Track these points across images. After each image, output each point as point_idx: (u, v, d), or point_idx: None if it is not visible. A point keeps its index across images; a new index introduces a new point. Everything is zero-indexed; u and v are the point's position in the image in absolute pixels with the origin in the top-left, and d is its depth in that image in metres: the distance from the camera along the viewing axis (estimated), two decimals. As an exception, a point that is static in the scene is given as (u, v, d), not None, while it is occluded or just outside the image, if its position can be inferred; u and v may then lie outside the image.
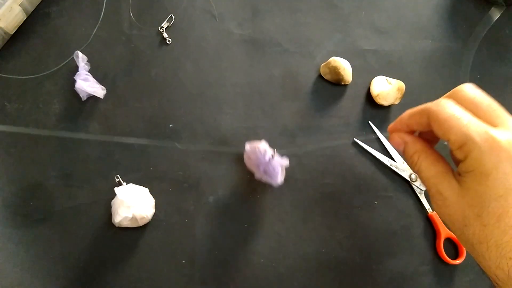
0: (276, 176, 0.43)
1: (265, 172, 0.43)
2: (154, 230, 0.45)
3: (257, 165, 0.44)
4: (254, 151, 0.43)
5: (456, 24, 0.54)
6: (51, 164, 0.46)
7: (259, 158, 0.43)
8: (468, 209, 0.30)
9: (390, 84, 0.49)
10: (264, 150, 0.43)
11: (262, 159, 0.43)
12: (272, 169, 0.43)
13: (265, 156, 0.43)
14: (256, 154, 0.43)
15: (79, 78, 0.46)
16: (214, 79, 0.50)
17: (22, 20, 0.48)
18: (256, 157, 0.43)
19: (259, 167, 0.43)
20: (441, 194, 0.32)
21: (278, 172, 0.43)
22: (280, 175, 0.43)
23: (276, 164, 0.43)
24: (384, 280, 0.45)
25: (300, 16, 0.53)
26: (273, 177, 0.43)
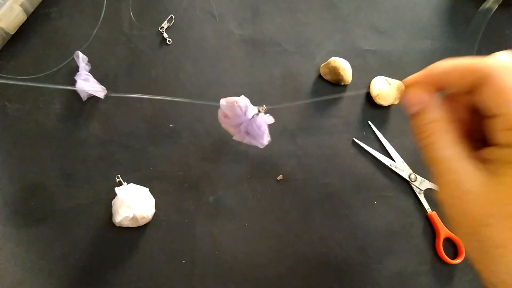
0: (262, 136, 0.36)
1: (247, 133, 0.36)
2: (154, 230, 0.45)
3: (237, 124, 0.36)
4: (232, 108, 0.35)
5: (455, 24, 0.54)
6: (52, 164, 0.46)
7: (239, 115, 0.35)
8: (495, 207, 0.24)
9: (389, 84, 0.49)
10: (245, 105, 0.35)
11: (242, 117, 0.35)
12: (258, 128, 0.35)
13: (247, 113, 0.35)
14: (236, 111, 0.35)
15: (79, 78, 0.46)
16: (214, 79, 0.50)
17: (23, 21, 0.48)
18: (236, 115, 0.35)
19: (239, 126, 0.36)
20: (460, 184, 0.25)
21: (265, 131, 0.36)
22: (266, 135, 0.37)
23: (261, 121, 0.36)
24: (383, 279, 0.46)
25: (300, 16, 0.53)
26: (258, 137, 0.36)
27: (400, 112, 0.51)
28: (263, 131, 0.36)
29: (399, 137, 0.50)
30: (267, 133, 0.37)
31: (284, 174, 0.47)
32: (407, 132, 0.50)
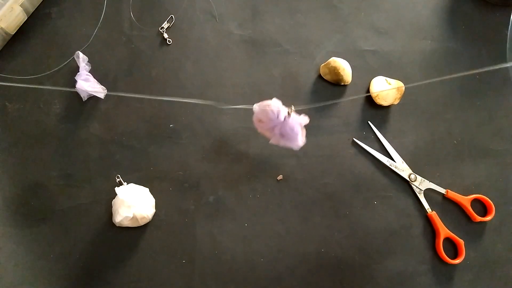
0: (296, 138, 0.36)
1: (282, 135, 0.36)
2: (154, 229, 0.45)
3: (271, 128, 0.36)
4: (264, 112, 0.35)
5: (455, 24, 0.54)
6: (52, 164, 0.46)
7: (272, 119, 0.35)
8: None
9: (389, 84, 0.49)
10: (277, 108, 0.35)
11: (275, 120, 0.35)
12: (290, 130, 0.35)
13: (279, 115, 0.35)
14: (268, 115, 0.35)
15: (79, 79, 0.46)
16: (214, 79, 0.50)
17: (23, 21, 0.48)
18: (269, 118, 0.36)
19: (274, 129, 0.36)
20: None
21: (298, 133, 0.36)
22: (300, 136, 0.36)
23: (294, 123, 0.35)
24: (383, 279, 0.46)
25: (300, 16, 0.53)
26: (292, 139, 0.36)
27: (400, 112, 0.51)
28: (296, 133, 0.36)
29: (399, 137, 0.50)
30: (300, 134, 0.36)
31: (284, 174, 0.47)
32: (407, 132, 0.50)
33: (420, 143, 0.50)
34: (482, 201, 0.49)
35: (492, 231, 0.48)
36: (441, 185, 0.48)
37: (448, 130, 0.51)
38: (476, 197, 0.48)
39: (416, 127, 0.50)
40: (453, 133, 0.51)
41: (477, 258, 0.47)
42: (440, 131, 0.51)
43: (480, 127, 0.51)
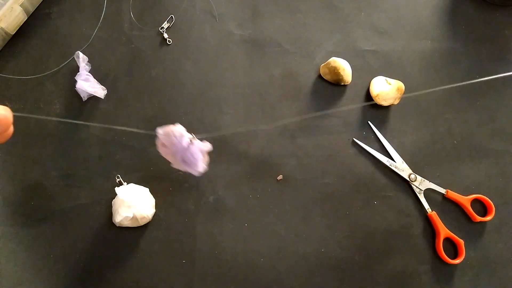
0: (196, 164, 0.37)
1: (183, 161, 0.37)
2: (154, 229, 0.45)
3: (173, 152, 0.37)
4: (168, 136, 0.36)
5: (455, 24, 0.54)
6: (52, 164, 0.46)
7: (175, 144, 0.36)
8: None
9: (389, 84, 0.49)
10: (180, 134, 0.36)
11: (178, 146, 0.36)
12: (191, 156, 0.36)
13: (182, 141, 0.36)
14: (171, 140, 0.36)
15: (79, 79, 0.46)
16: (214, 79, 0.50)
17: (23, 21, 0.48)
18: (171, 143, 0.36)
19: (176, 155, 0.37)
20: None
21: (198, 159, 0.37)
22: (200, 162, 0.37)
23: (195, 150, 0.36)
24: (383, 279, 0.46)
25: (300, 16, 0.53)
26: (193, 165, 0.37)
27: (400, 112, 0.51)
28: (197, 159, 0.37)
29: (399, 137, 0.50)
30: (201, 160, 0.37)
31: (284, 174, 0.47)
32: (407, 132, 0.50)
33: (420, 143, 0.50)
34: (482, 201, 0.49)
35: (492, 231, 0.48)
36: (441, 185, 0.48)
37: (448, 130, 0.51)
38: (476, 197, 0.48)
39: (416, 127, 0.50)
40: (453, 133, 0.51)
41: (477, 258, 0.47)
42: (440, 131, 0.51)
43: (480, 127, 0.51)
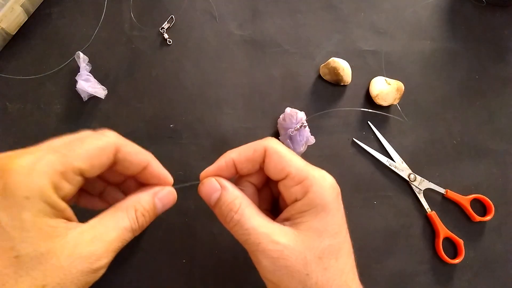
0: (299, 145, 0.45)
1: (290, 138, 0.45)
2: (154, 229, 0.45)
3: (286, 128, 0.45)
4: (290, 116, 0.45)
5: (455, 24, 0.55)
6: (52, 164, 0.46)
7: (292, 123, 0.45)
8: (309, 253, 0.27)
9: (389, 84, 0.49)
10: (301, 118, 0.45)
11: (293, 125, 0.45)
12: (299, 138, 0.45)
13: (298, 123, 0.45)
14: (291, 119, 0.45)
15: (80, 79, 0.46)
16: (214, 79, 0.50)
17: (24, 21, 0.48)
18: (290, 121, 0.45)
19: (287, 131, 0.45)
20: (277, 244, 0.27)
21: (302, 143, 0.45)
22: (302, 147, 0.45)
23: (304, 134, 0.45)
24: (383, 279, 0.46)
25: (300, 17, 0.53)
26: (296, 145, 0.45)
27: (399, 112, 0.51)
28: (301, 142, 0.45)
29: (399, 137, 0.50)
30: (303, 146, 0.45)
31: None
32: (406, 132, 0.50)
33: (420, 143, 0.50)
34: (481, 201, 0.49)
35: (492, 231, 0.48)
36: (440, 185, 0.48)
37: (448, 130, 0.51)
38: (475, 197, 0.48)
39: (416, 127, 0.50)
40: (453, 133, 0.51)
41: (477, 257, 0.47)
42: (440, 131, 0.51)
43: (480, 127, 0.51)
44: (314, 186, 0.28)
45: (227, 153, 0.31)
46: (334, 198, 0.29)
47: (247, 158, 0.30)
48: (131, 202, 0.28)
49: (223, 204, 0.30)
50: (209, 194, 0.31)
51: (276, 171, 0.29)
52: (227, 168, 0.31)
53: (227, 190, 0.30)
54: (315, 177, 0.28)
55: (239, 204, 0.29)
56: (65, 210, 0.26)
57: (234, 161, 0.31)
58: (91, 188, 0.33)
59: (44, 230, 0.24)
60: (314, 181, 0.28)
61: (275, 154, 0.29)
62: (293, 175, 0.28)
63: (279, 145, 0.30)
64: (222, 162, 0.31)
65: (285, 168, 0.29)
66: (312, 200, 0.28)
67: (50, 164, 0.25)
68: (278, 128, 0.48)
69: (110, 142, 0.28)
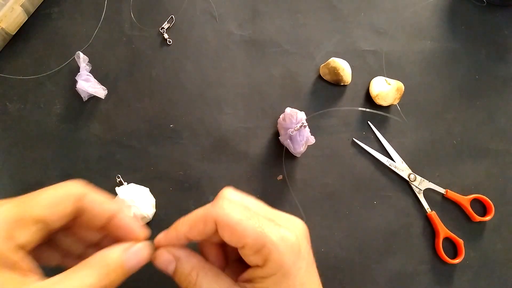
0: (299, 145, 0.45)
1: (291, 138, 0.45)
2: (154, 229, 0.45)
3: (286, 128, 0.45)
4: (290, 116, 0.45)
5: (455, 24, 0.55)
6: (52, 164, 0.46)
7: (292, 123, 0.45)
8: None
9: (389, 84, 0.49)
10: (301, 118, 0.45)
11: (293, 125, 0.45)
12: (299, 137, 0.44)
13: (298, 123, 0.44)
14: (291, 119, 0.45)
15: (80, 79, 0.46)
16: (214, 79, 0.50)
17: (24, 21, 0.48)
18: (290, 121, 0.45)
19: (287, 131, 0.45)
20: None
21: (302, 143, 0.45)
22: (302, 147, 0.45)
23: (304, 134, 0.45)
24: (383, 279, 0.46)
25: (299, 17, 0.53)
26: (296, 145, 0.45)
27: (399, 112, 0.51)
28: (301, 142, 0.45)
29: (399, 137, 0.50)
30: (303, 146, 0.45)
31: (284, 174, 0.47)
32: (406, 132, 0.50)
33: (420, 143, 0.50)
34: (481, 201, 0.49)
35: (492, 231, 0.48)
36: (440, 185, 0.48)
37: (448, 130, 0.51)
38: (475, 197, 0.48)
39: (415, 127, 0.50)
40: (452, 133, 0.51)
41: (477, 257, 0.47)
42: (440, 131, 0.51)
43: (480, 127, 0.51)
44: (273, 254, 0.26)
45: (177, 224, 0.30)
46: (295, 261, 0.27)
47: (198, 232, 0.29)
48: (98, 258, 0.26)
49: (181, 276, 0.29)
50: (164, 266, 0.30)
51: (231, 242, 0.27)
52: (178, 240, 0.30)
53: (181, 261, 0.29)
54: (274, 242, 0.26)
55: (196, 276, 0.28)
56: (19, 262, 0.23)
57: (185, 235, 0.29)
58: (72, 249, 0.32)
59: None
60: (272, 248, 0.26)
61: (227, 226, 0.27)
62: (250, 245, 0.27)
63: (231, 212, 0.27)
64: (173, 236, 0.30)
65: (240, 239, 0.27)
66: (272, 268, 0.27)
67: (4, 212, 0.23)
68: (278, 128, 0.47)
69: (72, 190, 0.28)
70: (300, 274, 0.27)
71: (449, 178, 0.49)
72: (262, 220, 0.28)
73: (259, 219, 0.28)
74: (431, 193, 0.49)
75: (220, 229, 0.27)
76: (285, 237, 0.27)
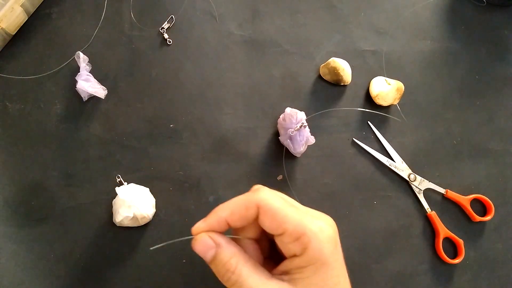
0: (299, 145, 0.45)
1: (291, 138, 0.45)
2: (154, 229, 0.45)
3: (286, 128, 0.45)
4: (290, 116, 0.45)
5: (455, 24, 0.55)
6: (52, 164, 0.46)
7: (292, 123, 0.45)
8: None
9: (389, 84, 0.49)
10: (301, 118, 0.45)
11: (293, 125, 0.44)
12: (299, 137, 0.44)
13: (298, 123, 0.44)
14: (291, 119, 0.45)
15: (80, 79, 0.46)
16: (214, 79, 0.50)
17: (24, 21, 0.48)
18: (290, 121, 0.45)
19: (287, 131, 0.45)
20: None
21: (302, 143, 0.45)
22: (302, 147, 0.45)
23: (304, 134, 0.45)
24: (383, 279, 0.46)
25: (299, 17, 0.53)
26: (296, 145, 0.45)
27: (399, 112, 0.51)
28: (301, 142, 0.45)
29: (399, 137, 0.50)
30: (303, 146, 0.45)
31: (284, 174, 0.47)
32: (406, 132, 0.50)
33: (420, 143, 0.50)
34: (481, 201, 0.49)
35: (492, 231, 0.48)
36: (440, 185, 0.48)
37: (448, 130, 0.51)
38: (475, 197, 0.48)
39: (415, 127, 0.50)
40: (452, 133, 0.51)
41: (477, 257, 0.47)
42: (440, 131, 0.51)
43: (480, 127, 0.51)
44: (312, 242, 0.27)
45: (218, 210, 0.30)
46: (333, 251, 0.28)
47: (240, 216, 0.29)
48: None
49: (220, 263, 0.28)
50: (203, 252, 0.29)
51: (271, 228, 0.28)
52: (219, 225, 0.30)
53: (222, 248, 0.29)
54: (313, 231, 0.27)
55: (235, 264, 0.28)
56: None
57: (226, 220, 0.29)
58: None
59: None
60: (312, 237, 0.27)
61: (269, 211, 0.28)
62: (290, 232, 0.27)
63: (272, 198, 0.28)
64: (214, 221, 0.30)
65: (281, 225, 0.27)
66: (311, 257, 0.27)
67: None
68: (278, 128, 0.48)
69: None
70: (337, 266, 0.28)
71: (449, 178, 0.49)
72: (300, 211, 0.28)
73: (298, 209, 0.28)
74: (431, 193, 0.49)
75: (261, 214, 0.28)
76: (324, 228, 0.28)
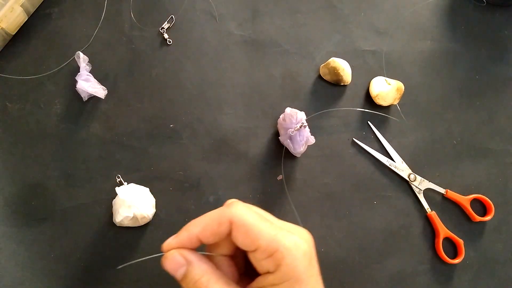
0: (299, 145, 0.45)
1: (291, 138, 0.45)
2: (154, 229, 0.45)
3: (286, 128, 0.45)
4: (290, 116, 0.45)
5: (455, 24, 0.55)
6: (53, 164, 0.46)
7: (292, 123, 0.45)
8: None
9: (389, 84, 0.49)
10: (301, 118, 0.45)
11: (293, 125, 0.45)
12: (299, 137, 0.44)
13: (297, 123, 0.44)
14: (291, 119, 0.45)
15: (80, 79, 0.46)
16: (214, 79, 0.50)
17: (23, 21, 0.48)
18: (290, 121, 0.45)
19: (287, 131, 0.45)
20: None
21: (302, 143, 0.45)
22: (302, 147, 0.45)
23: (304, 134, 0.45)
24: (383, 279, 0.46)
25: (299, 17, 0.53)
26: (296, 145, 0.45)
27: (399, 112, 0.51)
28: (301, 143, 0.45)
29: (399, 137, 0.50)
30: (303, 146, 0.45)
31: (284, 174, 0.47)
32: (406, 132, 0.50)
33: (420, 143, 0.50)
34: (481, 201, 0.49)
35: (492, 231, 0.48)
36: (440, 185, 0.48)
37: (448, 130, 0.51)
38: (475, 197, 0.48)
39: (415, 127, 0.50)
40: (452, 133, 0.51)
41: (477, 257, 0.47)
42: (440, 131, 0.51)
43: (480, 127, 0.51)
44: (286, 259, 0.26)
45: (189, 225, 0.29)
46: (307, 267, 0.27)
47: (212, 232, 0.28)
48: None
49: (190, 281, 0.28)
50: (174, 270, 0.28)
51: (244, 244, 0.27)
52: (190, 241, 0.29)
53: (193, 265, 0.28)
54: (287, 247, 0.26)
55: (207, 282, 0.27)
56: None
57: (198, 236, 0.28)
58: None
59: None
60: (285, 253, 0.26)
61: (242, 227, 0.27)
62: (263, 248, 0.26)
63: (246, 213, 0.27)
64: (185, 237, 0.29)
65: (254, 241, 0.26)
66: (285, 274, 0.26)
67: None
68: (278, 128, 0.48)
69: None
70: (312, 282, 0.27)
71: (449, 178, 0.49)
72: (274, 226, 0.27)
73: (272, 224, 0.27)
74: (431, 193, 0.49)
75: (234, 230, 0.27)
76: (298, 244, 0.27)
